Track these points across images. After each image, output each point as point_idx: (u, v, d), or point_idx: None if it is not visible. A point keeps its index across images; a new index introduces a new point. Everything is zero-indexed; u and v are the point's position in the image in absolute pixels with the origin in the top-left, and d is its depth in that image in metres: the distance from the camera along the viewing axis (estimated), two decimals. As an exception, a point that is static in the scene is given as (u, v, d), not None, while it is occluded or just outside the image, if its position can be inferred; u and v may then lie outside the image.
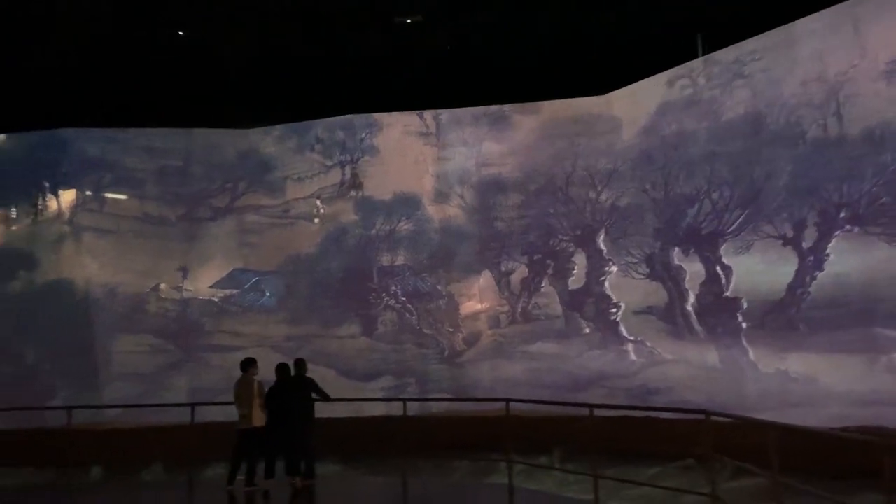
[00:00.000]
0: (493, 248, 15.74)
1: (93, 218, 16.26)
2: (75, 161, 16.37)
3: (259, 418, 10.31)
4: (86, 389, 15.23)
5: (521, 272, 15.48)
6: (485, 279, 15.76)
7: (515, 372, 14.80)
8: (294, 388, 10.64)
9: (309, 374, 11.11)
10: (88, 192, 16.34)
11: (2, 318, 15.97)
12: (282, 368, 10.69)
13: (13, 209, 16.64)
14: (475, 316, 15.69)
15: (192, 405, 12.03)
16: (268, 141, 16.94)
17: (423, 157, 16.22)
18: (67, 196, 16.34)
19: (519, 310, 15.35)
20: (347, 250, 16.28)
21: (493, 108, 15.92)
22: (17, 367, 15.67)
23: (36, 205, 16.52)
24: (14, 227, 16.61)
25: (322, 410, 11.12)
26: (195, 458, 11.63)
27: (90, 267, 15.96)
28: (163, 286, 16.25)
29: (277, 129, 16.95)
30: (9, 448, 12.69)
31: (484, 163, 15.90)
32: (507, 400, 10.61)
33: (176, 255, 16.35)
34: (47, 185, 16.49)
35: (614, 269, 14.62)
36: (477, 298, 15.76)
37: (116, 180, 16.48)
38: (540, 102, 15.65)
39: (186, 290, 16.34)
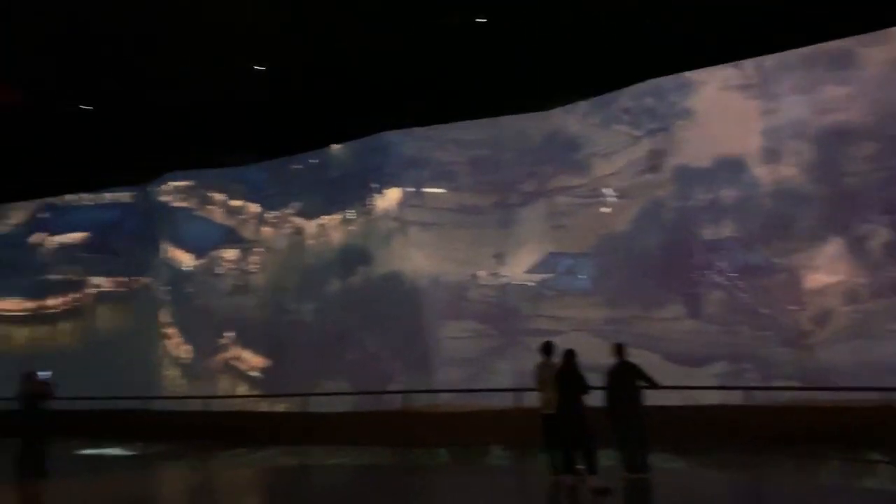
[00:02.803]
0: (843, 209, 13.29)
1: (415, 213, 17.25)
2: (397, 161, 17.54)
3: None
4: (420, 374, 16.17)
5: (881, 236, 12.86)
6: (833, 247, 13.38)
7: (886, 355, 12.28)
8: (617, 375, 9.87)
9: (632, 360, 10.26)
10: (410, 189, 17.37)
11: (346, 309, 17.79)
12: (567, 355, 9.90)
13: (350, 211, 18.39)
14: (823, 290, 13.40)
15: (515, 390, 11.91)
16: (572, 119, 16.43)
17: (747, 114, 14.36)
18: (392, 194, 17.57)
19: (884, 281, 12.74)
20: (664, 225, 15.05)
21: (831, 44, 13.48)
22: (360, 354, 17.28)
23: (367, 205, 18.05)
24: (351, 227, 18.36)
25: (648, 397, 10.18)
26: (522, 443, 11.49)
27: (416, 259, 16.93)
28: (481, 273, 16.63)
29: (581, 106, 16.36)
30: (354, 429, 13.85)
31: (823, 110, 13.55)
32: None
33: (491, 243, 16.63)
34: (375, 185, 17.91)
35: None
36: (825, 270, 13.44)
37: (433, 175, 17.31)
38: (893, 29, 12.87)
39: (503, 276, 16.52)
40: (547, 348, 10.09)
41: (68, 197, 23.50)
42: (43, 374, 12.19)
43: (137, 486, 11.38)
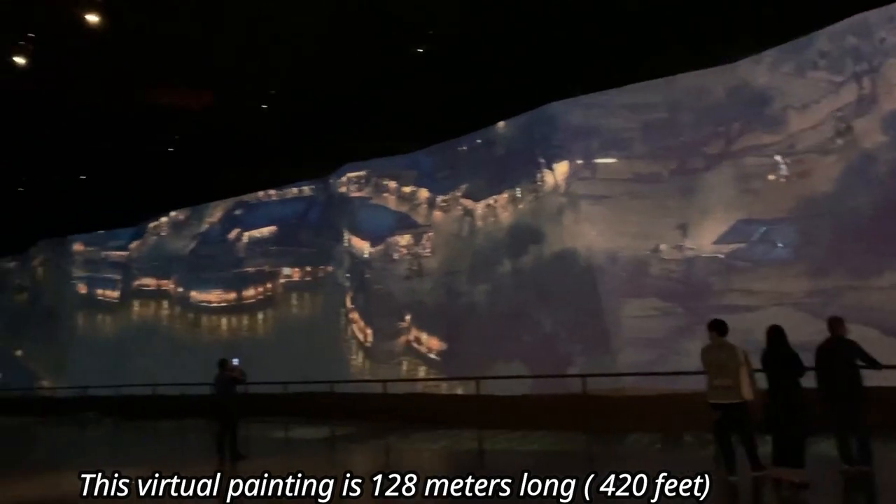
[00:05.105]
0: None
1: (586, 186, 16.39)
2: (564, 132, 16.75)
3: (749, 391, 8.36)
4: (600, 355, 15.35)
5: None
6: None
7: None
8: (831, 353, 8.54)
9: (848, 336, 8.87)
10: (579, 161, 16.54)
11: (520, 289, 17.32)
12: (774, 333, 8.49)
13: (518, 189, 17.88)
14: None
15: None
16: (759, 70, 14.80)
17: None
18: (561, 168, 16.83)
19: None
20: (878, 181, 13.14)
21: None
22: (537, 335, 16.75)
23: (535, 181, 17.43)
24: (521, 206, 17.87)
25: (868, 378, 8.76)
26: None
27: (589, 234, 16.09)
28: (663, 246, 15.49)
29: (769, 55, 14.68)
30: (533, 411, 13.36)
31: None
32: None
33: (672, 213, 15.44)
34: (542, 160, 17.26)
35: None
36: None
37: (604, 144, 16.36)
38: None
39: (688, 248, 15.28)
40: (720, 327, 8.85)
41: (258, 194, 25.11)
42: (234, 361, 12.86)
43: (327, 465, 11.65)
